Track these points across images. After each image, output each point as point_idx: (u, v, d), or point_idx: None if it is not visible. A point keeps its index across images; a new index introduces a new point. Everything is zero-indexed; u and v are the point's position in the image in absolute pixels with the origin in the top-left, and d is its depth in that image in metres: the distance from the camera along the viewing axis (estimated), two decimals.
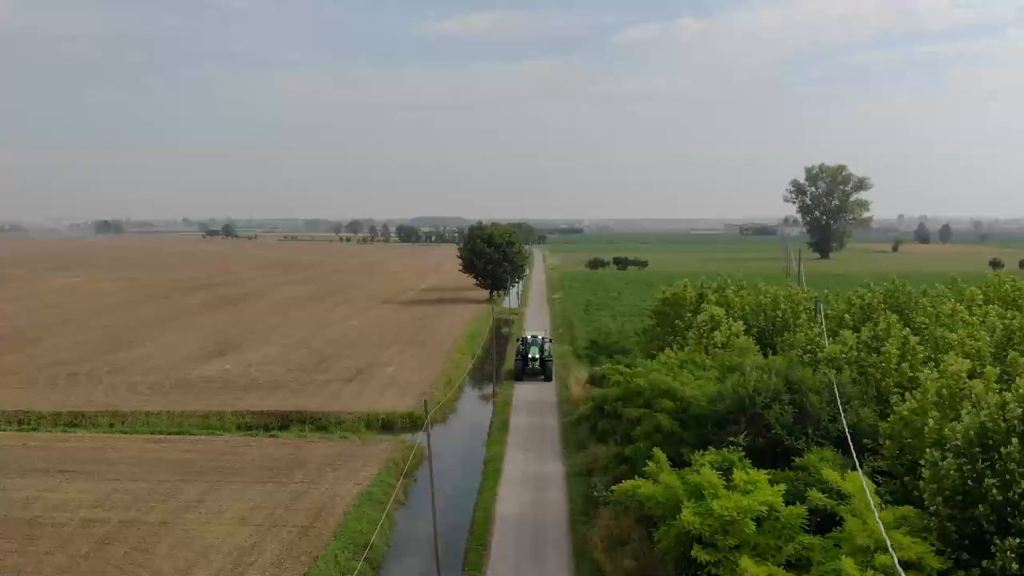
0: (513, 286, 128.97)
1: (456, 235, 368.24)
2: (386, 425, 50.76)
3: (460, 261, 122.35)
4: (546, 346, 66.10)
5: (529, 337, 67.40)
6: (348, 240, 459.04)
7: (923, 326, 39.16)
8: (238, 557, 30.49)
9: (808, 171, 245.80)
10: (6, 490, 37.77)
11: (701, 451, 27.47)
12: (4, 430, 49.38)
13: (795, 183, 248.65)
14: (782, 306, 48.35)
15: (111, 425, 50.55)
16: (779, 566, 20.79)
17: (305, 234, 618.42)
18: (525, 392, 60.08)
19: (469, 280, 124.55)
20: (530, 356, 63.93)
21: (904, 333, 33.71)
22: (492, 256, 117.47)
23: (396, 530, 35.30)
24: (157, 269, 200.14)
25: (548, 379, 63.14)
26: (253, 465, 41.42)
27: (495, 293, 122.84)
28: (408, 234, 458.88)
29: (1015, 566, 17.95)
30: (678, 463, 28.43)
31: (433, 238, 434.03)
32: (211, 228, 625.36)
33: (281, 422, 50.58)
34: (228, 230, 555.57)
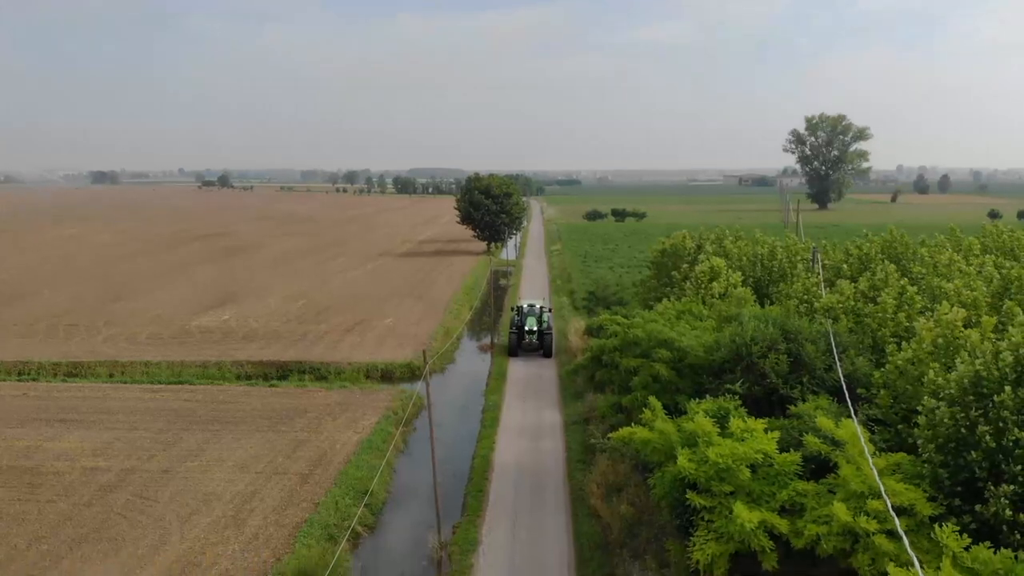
0: (511, 238, 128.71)
1: (453, 187, 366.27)
2: (385, 375, 51.09)
3: (457, 213, 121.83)
4: (545, 316, 57.12)
5: (525, 306, 58.08)
6: (345, 191, 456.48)
7: (920, 276, 39.16)
8: (239, 504, 30.93)
9: (808, 120, 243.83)
10: (7, 440, 38.12)
11: (697, 400, 27.69)
12: (4, 380, 49.67)
13: (795, 133, 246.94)
14: (779, 256, 48.27)
15: (110, 375, 50.85)
16: (773, 511, 21.11)
17: (301, 185, 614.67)
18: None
19: (467, 232, 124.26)
20: (527, 329, 55.69)
21: (902, 283, 33.74)
22: (490, 208, 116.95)
23: (395, 478, 35.76)
24: (154, 220, 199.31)
25: (548, 355, 55.20)
26: (253, 414, 41.77)
27: (493, 245, 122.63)
28: (405, 186, 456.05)
29: (1008, 512, 18.22)
30: (675, 412, 28.70)
31: (430, 190, 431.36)
32: (207, 179, 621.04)
33: (280, 372, 50.88)
34: (224, 181, 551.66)
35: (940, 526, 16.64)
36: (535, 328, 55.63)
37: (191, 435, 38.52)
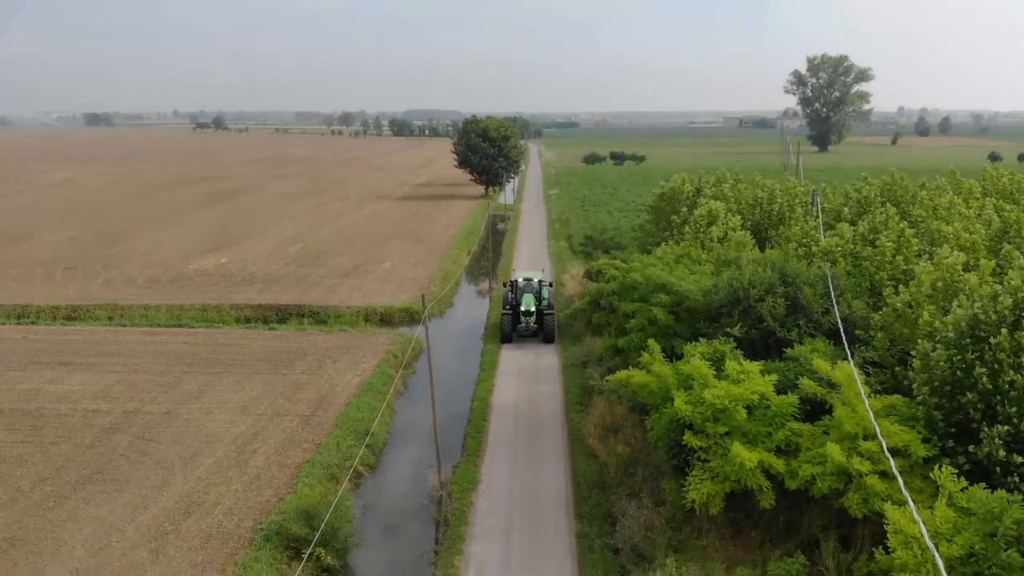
0: (509, 182, 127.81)
1: (450, 129, 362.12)
2: (384, 319, 51.29)
3: (455, 156, 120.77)
4: (546, 293, 47.26)
5: (521, 281, 47.68)
6: (340, 133, 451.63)
7: (920, 219, 39.09)
8: (242, 445, 31.34)
9: (810, 61, 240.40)
10: (8, 383, 38.37)
11: (694, 343, 27.87)
12: (3, 324, 49.79)
13: (796, 74, 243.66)
14: (779, 200, 48.07)
15: (110, 318, 50.99)
16: (769, 452, 21.43)
17: (296, 127, 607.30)
18: None
19: (464, 175, 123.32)
20: (523, 309, 45.52)
21: (902, 226, 33.70)
22: (487, 151, 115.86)
23: (395, 419, 36.19)
24: (149, 163, 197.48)
25: (549, 340, 45.20)
26: (253, 357, 42.03)
27: (491, 189, 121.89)
28: (401, 128, 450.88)
29: (1002, 453, 18.49)
30: (672, 355, 28.92)
31: (427, 132, 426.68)
32: (201, 120, 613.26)
33: (280, 315, 51.06)
34: (218, 123, 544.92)
35: (939, 468, 16.89)
36: (533, 309, 45.31)
37: (192, 378, 38.80)
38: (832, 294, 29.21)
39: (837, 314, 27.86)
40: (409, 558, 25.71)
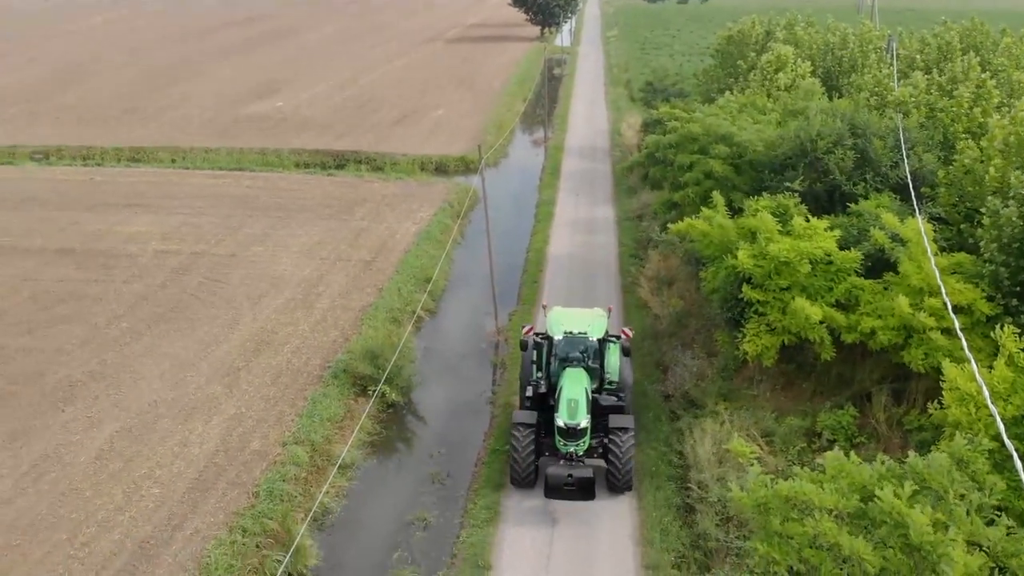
0: (566, 22, 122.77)
1: None
2: (440, 168, 51.21)
3: None
4: (613, 360, 22.89)
5: (559, 336, 22.34)
6: None
7: (1001, 68, 36.89)
8: (307, 288, 32.50)
9: None
10: (78, 223, 39.72)
11: (755, 197, 27.45)
12: (69, 166, 51.01)
13: None
14: (851, 45, 45.57)
15: (173, 161, 51.82)
16: (829, 306, 21.54)
17: None
18: (577, 138, 59.41)
19: (519, 16, 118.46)
20: (562, 423, 20.45)
21: (983, 77, 31.91)
22: None
23: (453, 267, 36.93)
24: (188, 4, 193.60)
25: (624, 488, 21.09)
26: (313, 203, 42.72)
27: (547, 30, 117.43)
28: None
29: None
30: (731, 209, 28.57)
31: None
32: None
33: (337, 161, 51.35)
34: None
35: (1000, 327, 16.84)
36: (582, 422, 20.53)
37: (255, 221, 39.74)
38: (903, 147, 28.23)
39: (907, 168, 27.02)
40: (468, 398, 27.00)
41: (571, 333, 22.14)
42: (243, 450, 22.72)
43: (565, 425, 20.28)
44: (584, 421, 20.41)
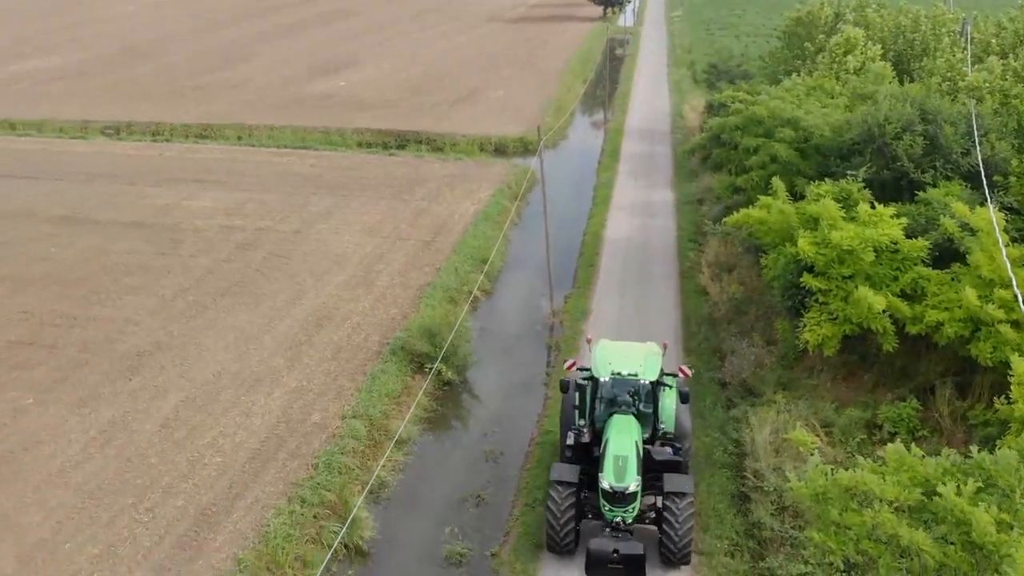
0: (629, 2, 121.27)
1: None
2: (498, 149, 51.18)
3: None
4: (667, 405, 19.79)
5: (606, 377, 19.25)
6: None
7: None
8: (368, 265, 33.05)
9: None
10: (147, 197, 40.94)
11: (817, 183, 26.92)
12: (139, 141, 52.48)
13: None
14: (923, 28, 44.21)
15: (239, 138, 52.84)
16: (893, 296, 21.08)
17: None
18: (637, 120, 58.81)
19: None
20: (607, 485, 17.66)
21: None
22: None
23: (510, 248, 37.06)
24: None
25: (681, 561, 18.15)
26: (375, 182, 43.25)
27: (609, 10, 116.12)
28: None
29: None
30: (794, 195, 28.09)
31: None
32: None
33: (398, 141, 51.76)
34: None
35: None
36: (632, 485, 17.68)
37: (319, 199, 40.42)
38: (975, 134, 27.33)
39: (979, 156, 26.18)
40: (522, 378, 27.21)
41: (619, 374, 19.02)
42: (303, 422, 23.30)
43: (611, 488, 17.47)
44: (633, 484, 17.50)
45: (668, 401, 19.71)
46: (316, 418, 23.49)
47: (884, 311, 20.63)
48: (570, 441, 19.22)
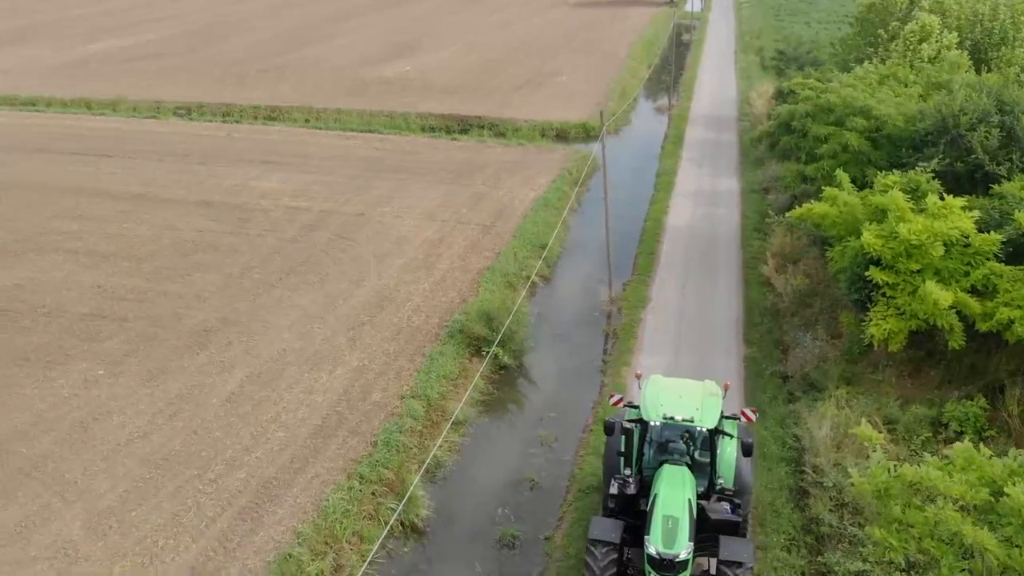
0: None
1: None
2: (560, 135, 51.00)
3: None
4: (727, 454, 17.43)
5: (657, 422, 16.66)
6: None
7: None
8: (429, 248, 33.41)
9: None
10: (216, 177, 41.93)
11: (885, 173, 26.21)
12: (210, 122, 53.67)
13: None
14: (1002, 16, 42.55)
15: (306, 120, 53.64)
16: (963, 291, 20.48)
17: None
18: (703, 106, 57.97)
19: None
20: (652, 551, 15.37)
21: None
22: None
23: (569, 234, 37.02)
24: None
25: None
26: (436, 166, 43.58)
27: None
28: None
29: None
30: (864, 185, 27.43)
31: None
32: None
33: (461, 126, 51.97)
34: None
35: None
36: (683, 553, 15.32)
37: (382, 182, 40.92)
38: None
39: None
40: (578, 364, 27.24)
41: (672, 419, 16.38)
42: (364, 401, 23.75)
43: (658, 555, 15.17)
44: (684, 552, 15.12)
45: (728, 451, 17.26)
46: (376, 397, 23.92)
47: (951, 307, 20.06)
48: (613, 490, 16.51)
